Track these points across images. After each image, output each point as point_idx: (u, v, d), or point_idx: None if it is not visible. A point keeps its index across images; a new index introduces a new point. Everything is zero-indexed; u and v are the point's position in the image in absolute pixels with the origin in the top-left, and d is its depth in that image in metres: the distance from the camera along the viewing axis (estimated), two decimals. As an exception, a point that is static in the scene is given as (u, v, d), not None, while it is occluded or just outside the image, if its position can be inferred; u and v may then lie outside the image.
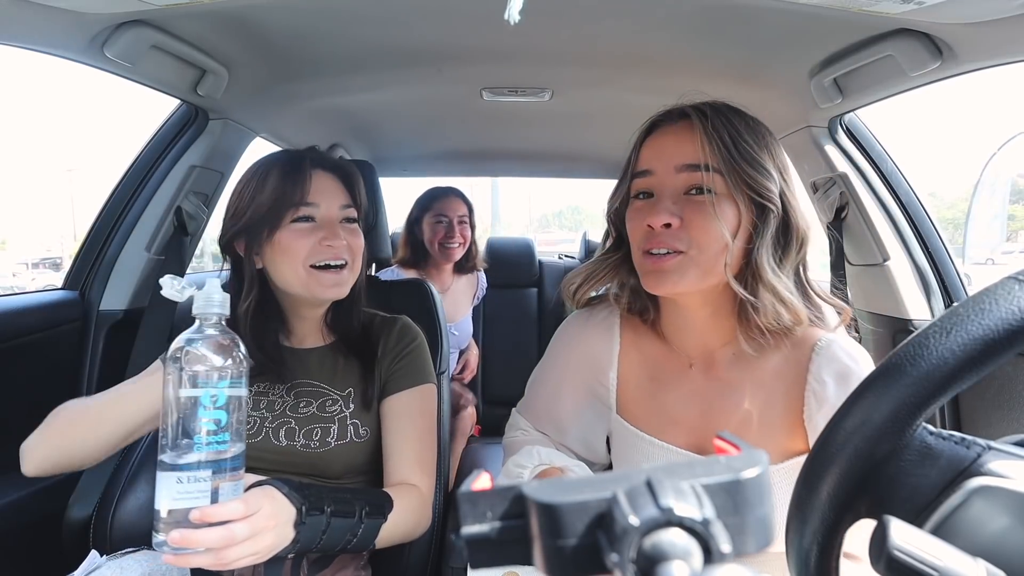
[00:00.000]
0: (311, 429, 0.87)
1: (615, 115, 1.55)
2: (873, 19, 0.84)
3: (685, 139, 0.69)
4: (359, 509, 0.74)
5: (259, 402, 0.89)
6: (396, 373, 0.92)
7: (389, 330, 0.96)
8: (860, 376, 0.65)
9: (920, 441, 0.34)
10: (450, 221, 1.84)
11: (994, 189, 1.41)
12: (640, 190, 0.72)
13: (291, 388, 0.90)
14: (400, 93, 1.37)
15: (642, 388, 0.80)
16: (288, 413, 0.88)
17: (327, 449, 0.86)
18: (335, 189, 0.88)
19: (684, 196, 0.68)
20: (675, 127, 0.71)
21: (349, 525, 0.72)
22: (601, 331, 0.83)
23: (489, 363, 2.16)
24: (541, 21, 0.96)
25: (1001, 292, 0.32)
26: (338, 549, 0.73)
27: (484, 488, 0.24)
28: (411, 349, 0.95)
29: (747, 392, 0.73)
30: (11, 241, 39.74)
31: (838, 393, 0.67)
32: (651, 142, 0.73)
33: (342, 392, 0.91)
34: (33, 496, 1.08)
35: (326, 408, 0.89)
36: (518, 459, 0.80)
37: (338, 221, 0.87)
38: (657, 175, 0.70)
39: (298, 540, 0.66)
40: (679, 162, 0.68)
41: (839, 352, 0.69)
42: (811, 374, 0.69)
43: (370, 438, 0.90)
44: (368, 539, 0.75)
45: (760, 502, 0.22)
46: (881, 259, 1.28)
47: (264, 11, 0.93)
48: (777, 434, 0.72)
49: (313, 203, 0.85)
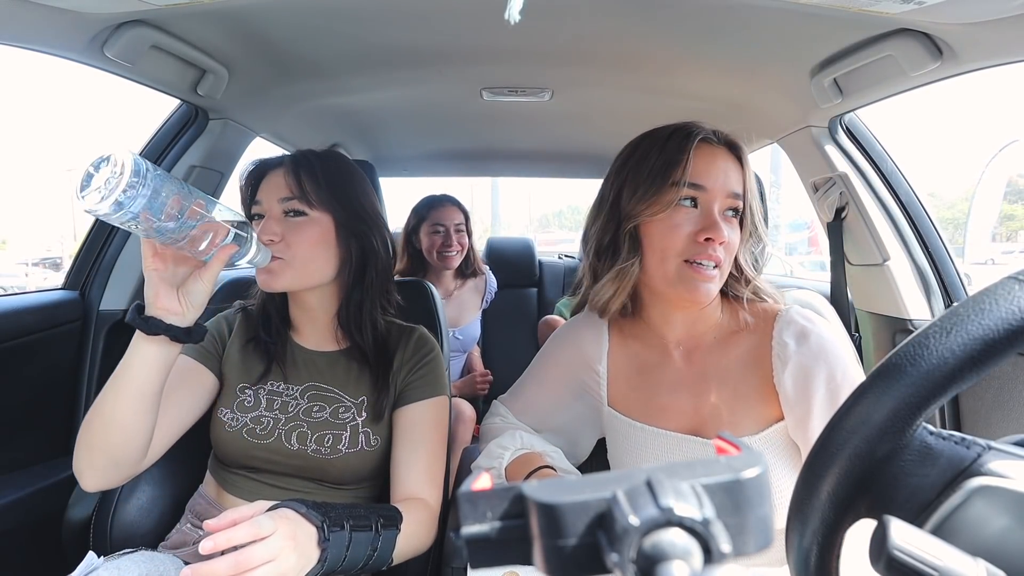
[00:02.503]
0: (323, 435, 0.87)
1: (615, 115, 1.55)
2: (873, 19, 0.84)
3: (734, 167, 0.76)
4: (375, 522, 0.73)
5: (273, 402, 0.89)
6: (411, 385, 0.92)
7: (406, 341, 0.95)
8: (817, 333, 0.74)
9: (920, 441, 0.34)
10: (447, 229, 1.86)
11: (993, 191, 1.42)
12: (687, 198, 0.75)
13: (305, 391, 0.90)
14: (400, 93, 1.37)
15: (631, 380, 0.86)
16: (301, 417, 0.88)
17: (338, 456, 0.86)
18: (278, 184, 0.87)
19: (724, 213, 0.76)
20: (723, 151, 0.77)
21: (368, 539, 0.71)
22: (591, 331, 0.89)
23: (489, 363, 2.16)
24: (541, 21, 0.96)
25: (1001, 292, 0.32)
26: (360, 566, 0.71)
27: (484, 488, 0.24)
28: (427, 361, 0.94)
29: (726, 371, 0.79)
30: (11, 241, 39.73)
31: (799, 350, 0.74)
32: (704, 157, 0.75)
33: (355, 400, 0.90)
34: (33, 496, 1.08)
35: (339, 415, 0.89)
36: (501, 440, 0.86)
37: (278, 215, 0.86)
38: (710, 192, 0.75)
39: (325, 559, 0.65)
40: (731, 189, 0.76)
41: (796, 316, 0.77)
42: (774, 339, 0.76)
43: (380, 448, 0.89)
44: (386, 553, 0.74)
45: (760, 502, 0.22)
46: (881, 259, 1.28)
47: (264, 11, 0.93)
48: (756, 404, 0.77)
49: (259, 200, 0.88)
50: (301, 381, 0.91)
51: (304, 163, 0.88)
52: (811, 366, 0.72)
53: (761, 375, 0.77)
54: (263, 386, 0.90)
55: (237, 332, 0.95)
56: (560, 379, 0.91)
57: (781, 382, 0.74)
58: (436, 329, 1.12)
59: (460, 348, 1.95)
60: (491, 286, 2.08)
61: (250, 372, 0.91)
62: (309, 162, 0.88)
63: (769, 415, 0.76)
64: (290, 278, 0.85)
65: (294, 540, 0.63)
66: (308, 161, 0.88)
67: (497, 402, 0.98)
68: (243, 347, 0.93)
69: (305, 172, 0.86)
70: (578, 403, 0.90)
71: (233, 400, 0.89)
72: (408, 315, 1.01)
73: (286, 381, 0.91)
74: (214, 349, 0.93)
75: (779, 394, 0.75)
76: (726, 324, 0.82)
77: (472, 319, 1.99)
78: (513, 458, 0.84)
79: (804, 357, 0.73)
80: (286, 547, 0.62)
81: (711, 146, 0.76)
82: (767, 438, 0.75)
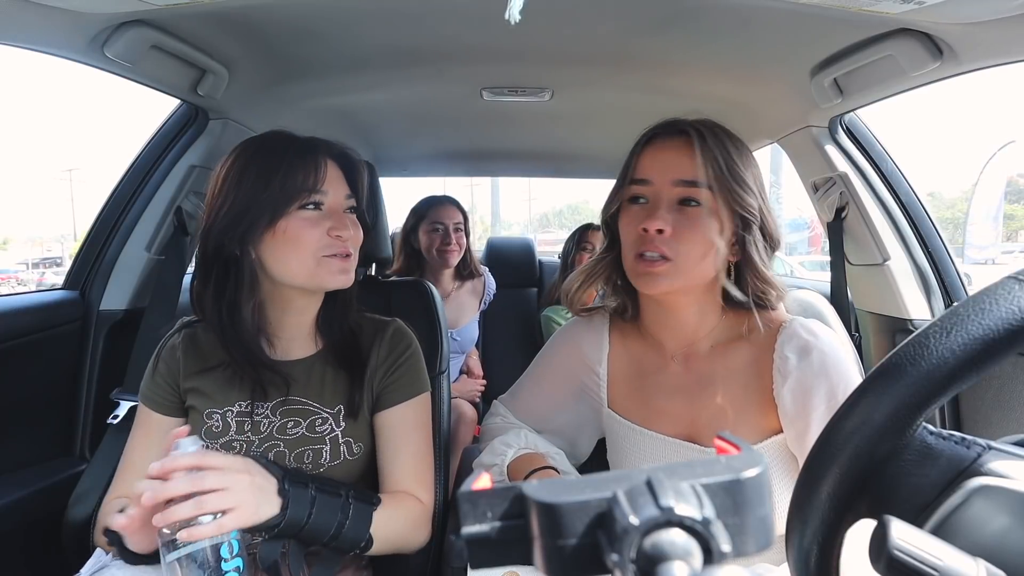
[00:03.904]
0: (302, 452, 0.83)
1: (615, 115, 1.55)
2: (873, 19, 0.84)
3: (684, 155, 0.74)
4: (344, 492, 0.74)
5: (243, 424, 0.83)
6: (390, 387, 0.88)
7: (381, 336, 0.90)
8: (820, 348, 0.72)
9: (920, 441, 0.34)
10: (446, 228, 1.87)
11: (992, 191, 1.43)
12: (636, 196, 0.77)
13: (277, 407, 0.84)
14: (400, 93, 1.37)
15: (630, 384, 0.86)
16: (276, 435, 0.83)
17: (321, 471, 0.83)
18: (340, 178, 0.84)
19: (677, 206, 0.74)
20: (674, 142, 0.76)
21: (337, 505, 0.72)
22: (591, 334, 0.89)
23: (489, 363, 2.16)
24: (541, 21, 0.96)
25: (1001, 292, 0.32)
26: (332, 534, 0.71)
27: (484, 488, 0.24)
28: (405, 359, 0.90)
29: (725, 379, 0.79)
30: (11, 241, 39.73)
31: (800, 366, 0.73)
32: (650, 152, 0.77)
33: (332, 409, 0.85)
34: (33, 496, 1.08)
35: (316, 428, 0.84)
36: (506, 438, 0.86)
37: (343, 211, 0.83)
38: (654, 185, 0.75)
39: (286, 508, 0.67)
40: (677, 176, 0.74)
41: (799, 329, 0.75)
42: (776, 352, 0.76)
43: (363, 454, 0.87)
44: (362, 528, 0.74)
45: (760, 502, 0.22)
46: (881, 259, 1.29)
47: (264, 11, 0.93)
48: (753, 415, 0.77)
49: (324, 191, 0.80)
50: (271, 397, 0.84)
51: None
52: (811, 383, 0.71)
53: (761, 387, 0.76)
54: (230, 408, 0.83)
55: (189, 356, 0.86)
56: (560, 380, 0.91)
57: (780, 396, 0.74)
58: (436, 329, 1.12)
59: (458, 349, 1.96)
60: (490, 288, 2.08)
61: (214, 396, 0.84)
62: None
63: (767, 427, 0.76)
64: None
65: (249, 477, 0.65)
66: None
67: (497, 402, 0.99)
68: (201, 372, 0.85)
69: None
70: (578, 404, 0.90)
71: (200, 427, 0.83)
72: (408, 315, 1.00)
73: (255, 399, 0.83)
74: (171, 390, 0.86)
75: (778, 407, 0.74)
76: (725, 331, 0.80)
77: (470, 320, 1.99)
78: (516, 456, 0.84)
79: (805, 373, 0.72)
80: (240, 481, 0.64)
81: (663, 140, 0.77)
82: (765, 449, 0.75)
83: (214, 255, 0.80)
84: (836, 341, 0.76)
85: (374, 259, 1.16)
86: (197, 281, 0.83)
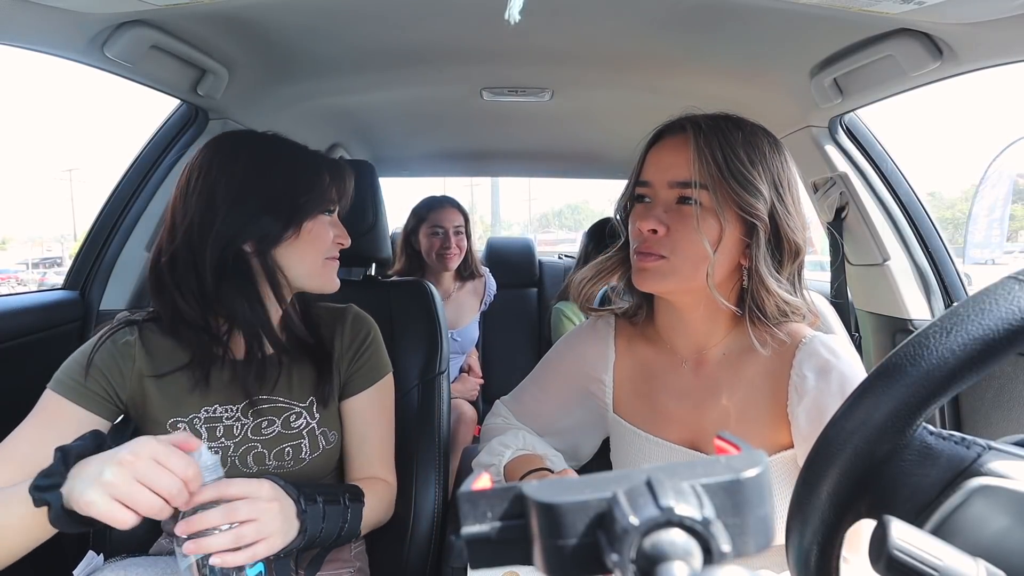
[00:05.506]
0: (281, 449, 0.82)
1: (615, 115, 1.55)
2: (873, 19, 0.84)
3: (680, 155, 0.72)
4: (342, 496, 0.77)
5: (215, 430, 0.80)
6: (355, 374, 0.89)
7: (341, 325, 0.90)
8: (840, 370, 0.69)
9: (920, 441, 0.34)
10: (446, 231, 1.86)
11: (995, 191, 1.43)
12: (640, 195, 0.77)
13: (247, 408, 0.81)
14: (400, 93, 1.37)
15: (637, 388, 0.84)
16: (251, 436, 0.81)
17: (303, 465, 0.84)
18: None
19: (675, 205, 0.73)
20: (674, 140, 0.75)
21: (340, 512, 0.75)
22: (597, 338, 0.88)
23: (489, 363, 2.16)
24: (541, 21, 0.96)
25: (1001, 292, 0.32)
26: (333, 539, 0.74)
27: (484, 488, 0.24)
28: (367, 344, 0.91)
29: (736, 389, 0.77)
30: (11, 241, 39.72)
31: (818, 386, 0.70)
32: (653, 152, 0.77)
33: (304, 403, 0.85)
34: (33, 496, 1.08)
35: (291, 424, 0.83)
36: (504, 439, 0.86)
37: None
38: (653, 187, 0.75)
39: (305, 529, 0.68)
40: (671, 179, 0.73)
41: (820, 347, 0.72)
42: (793, 369, 0.73)
43: (338, 440, 0.88)
44: (356, 526, 0.77)
45: (760, 502, 0.22)
46: (881, 259, 1.29)
47: (264, 11, 0.93)
48: (763, 428, 0.75)
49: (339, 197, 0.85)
50: (239, 399, 0.81)
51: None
52: (828, 403, 0.69)
53: (775, 401, 0.74)
54: (197, 415, 0.80)
55: (146, 358, 0.79)
56: (564, 387, 0.90)
57: (795, 415, 0.71)
58: (436, 329, 1.12)
59: (458, 350, 1.95)
60: (490, 288, 2.08)
61: (178, 404, 0.79)
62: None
63: (777, 441, 0.74)
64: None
65: (278, 505, 0.65)
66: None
67: (499, 403, 0.98)
68: (158, 377, 0.79)
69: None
70: (582, 409, 0.89)
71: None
72: (408, 315, 1.01)
73: (223, 403, 0.80)
74: (107, 385, 0.77)
75: (792, 425, 0.72)
76: (739, 339, 0.77)
77: (470, 321, 1.99)
78: (514, 457, 0.84)
79: (822, 393, 0.69)
80: (271, 509, 0.64)
81: (666, 139, 0.76)
82: (774, 464, 0.74)
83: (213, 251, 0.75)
84: (856, 361, 0.72)
85: (374, 259, 1.16)
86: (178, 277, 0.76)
